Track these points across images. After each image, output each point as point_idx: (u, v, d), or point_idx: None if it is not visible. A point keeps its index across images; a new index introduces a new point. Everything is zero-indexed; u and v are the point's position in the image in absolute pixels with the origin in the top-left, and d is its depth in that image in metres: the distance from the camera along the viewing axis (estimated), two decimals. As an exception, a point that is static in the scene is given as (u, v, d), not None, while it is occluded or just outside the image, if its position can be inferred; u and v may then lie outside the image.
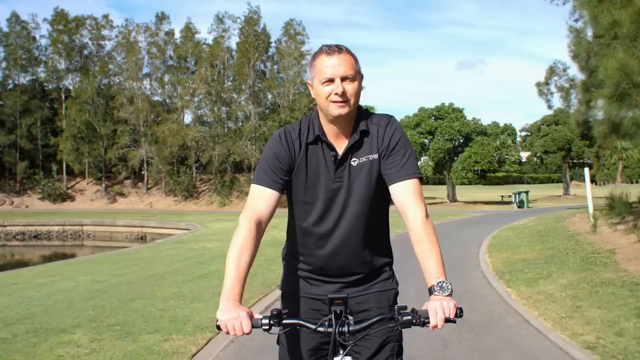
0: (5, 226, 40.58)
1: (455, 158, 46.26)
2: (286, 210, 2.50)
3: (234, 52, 52.80)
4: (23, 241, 38.88)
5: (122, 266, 13.55)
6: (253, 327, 1.99)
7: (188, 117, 54.80)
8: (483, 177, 48.91)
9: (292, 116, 46.84)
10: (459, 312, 1.99)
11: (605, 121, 11.55)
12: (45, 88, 57.99)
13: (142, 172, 54.38)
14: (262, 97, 52.23)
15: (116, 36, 57.09)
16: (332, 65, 2.23)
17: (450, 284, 2.03)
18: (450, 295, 2.02)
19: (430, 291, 2.04)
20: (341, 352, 2.10)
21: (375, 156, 2.32)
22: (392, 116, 2.45)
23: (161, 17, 55.72)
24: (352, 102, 2.25)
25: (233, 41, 53.00)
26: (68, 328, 6.75)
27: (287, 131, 2.39)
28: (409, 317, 1.99)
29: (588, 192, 16.46)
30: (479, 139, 44.97)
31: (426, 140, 47.03)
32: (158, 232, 34.80)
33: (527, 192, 40.50)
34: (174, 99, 55.09)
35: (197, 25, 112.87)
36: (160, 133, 50.10)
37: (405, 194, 2.23)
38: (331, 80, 2.22)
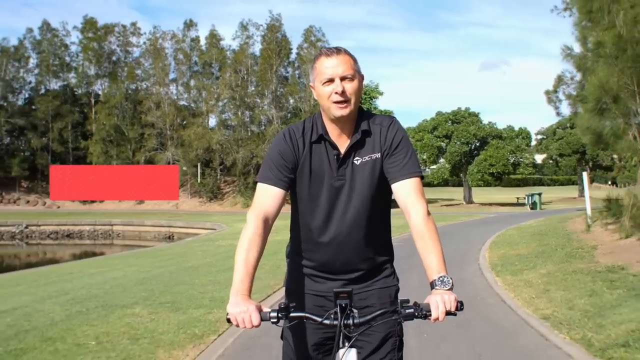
0: (40, 226, 42.53)
1: (471, 161, 47.52)
2: (287, 211, 2.59)
3: (257, 58, 54.50)
4: (56, 240, 40.66)
5: (161, 260, 15.18)
6: (262, 320, 2.07)
7: (213, 121, 56.52)
8: (499, 179, 50.13)
9: (313, 120, 48.29)
10: (460, 306, 2.06)
11: (590, 131, 12.92)
12: (76, 93, 60.25)
13: (169, 174, 56.23)
14: (284, 101, 53.92)
15: (144, 43, 59.32)
16: (332, 65, 2.32)
17: (451, 279, 2.11)
18: (451, 289, 2.09)
19: (432, 285, 2.11)
20: (346, 344, 2.19)
21: (378, 155, 2.39)
22: (394, 117, 2.53)
23: (189, 24, 57.73)
24: (352, 101, 2.34)
25: (257, 48, 54.81)
26: (128, 305, 8.32)
27: (292, 130, 2.48)
28: (412, 310, 2.07)
29: (586, 195, 17.72)
30: (494, 143, 46.22)
31: (443, 144, 48.41)
32: (185, 232, 36.32)
33: (539, 194, 41.69)
34: (199, 104, 56.88)
35: (220, 27, 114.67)
36: (186, 136, 51.90)
37: (407, 192, 2.30)
38: (331, 80, 2.32)
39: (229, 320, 2.08)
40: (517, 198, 47.12)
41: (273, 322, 2.09)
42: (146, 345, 6.09)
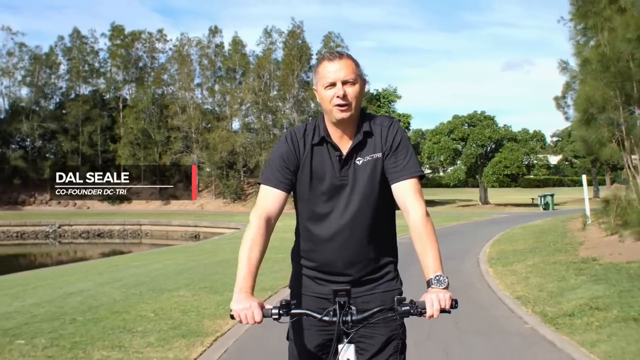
0: (72, 225, 44.60)
1: (487, 163, 48.90)
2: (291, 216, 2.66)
3: (279, 64, 56.29)
4: (88, 239, 42.64)
5: (193, 255, 16.86)
6: (264, 316, 2.12)
7: (236, 125, 58.46)
8: (515, 181, 51.39)
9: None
10: (454, 304, 2.10)
11: (579, 138, 14.35)
12: (105, 98, 62.29)
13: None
14: (305, 105, 55.65)
15: (170, 49, 61.43)
16: (334, 70, 2.36)
17: (447, 278, 2.15)
18: (446, 288, 2.13)
19: (428, 284, 2.14)
20: (345, 340, 2.23)
21: (379, 155, 2.42)
22: (393, 118, 2.57)
23: (213, 31, 59.79)
24: (353, 104, 2.37)
25: (279, 53, 56.71)
26: (174, 289, 9.94)
27: (293, 132, 2.54)
28: (407, 308, 2.11)
29: (585, 196, 19.11)
30: (509, 145, 47.60)
31: (459, 146, 49.82)
32: (210, 231, 37.97)
33: (552, 195, 42.92)
34: (223, 108, 58.86)
35: (241, 28, 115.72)
36: (210, 140, 53.77)
37: (406, 193, 2.33)
38: (333, 84, 2.35)
39: (232, 317, 2.14)
40: (532, 199, 48.28)
41: (275, 319, 2.16)
42: (194, 316, 7.69)
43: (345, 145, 2.45)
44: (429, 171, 72.19)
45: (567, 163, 60.53)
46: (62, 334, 6.53)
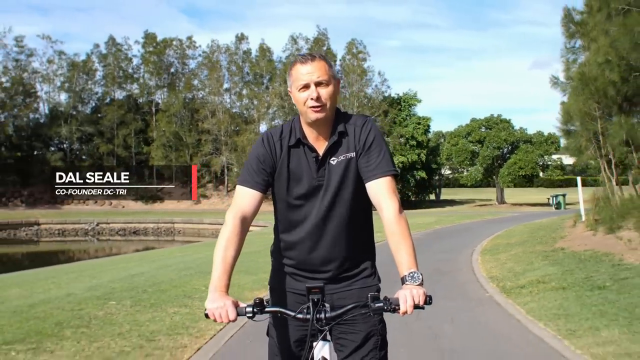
0: (109, 223, 47.37)
1: (503, 164, 50.92)
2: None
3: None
4: (124, 236, 45.22)
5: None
6: (238, 314, 2.15)
7: (263, 128, 60.76)
8: (530, 181, 53.31)
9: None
10: (429, 300, 2.12)
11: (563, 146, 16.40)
12: (138, 102, 65.56)
13: (223, 177, 60.89)
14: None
15: (199, 55, 64.33)
16: (307, 72, 2.38)
17: (421, 274, 2.17)
18: (421, 284, 2.15)
19: (403, 281, 2.17)
20: (319, 337, 2.27)
21: (353, 154, 2.45)
22: (368, 116, 2.61)
23: (240, 38, 62.48)
24: (327, 105, 2.40)
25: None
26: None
27: (269, 135, 2.54)
28: (381, 304, 2.12)
29: (580, 196, 21.07)
30: (524, 147, 49.59)
31: (476, 148, 51.87)
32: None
33: (564, 195, 44.69)
34: (251, 111, 61.54)
35: (266, 29, 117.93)
36: (239, 142, 56.32)
37: (379, 191, 2.36)
38: (307, 86, 2.38)
39: (207, 316, 2.15)
40: (548, 198, 50.05)
41: (249, 317, 2.17)
42: (236, 289, 10.00)
43: (321, 146, 2.49)
44: (448, 172, 74.16)
45: (582, 164, 61.95)
46: (140, 299, 8.88)
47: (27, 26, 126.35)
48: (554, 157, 52.40)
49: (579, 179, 21.58)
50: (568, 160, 64.10)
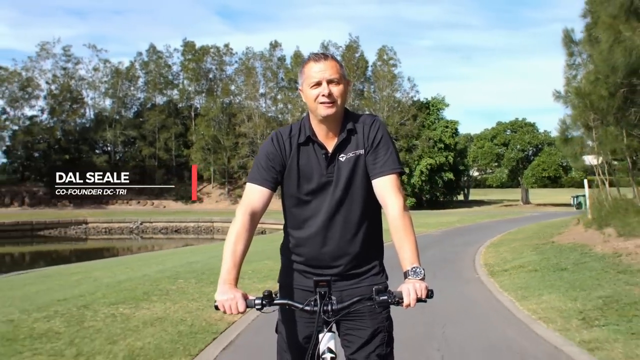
0: (152, 222, 50.17)
1: (527, 166, 52.75)
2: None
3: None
4: (166, 235, 47.82)
5: (266, 242, 21.66)
6: (247, 306, 2.19)
7: (298, 131, 63.54)
8: (555, 182, 54.99)
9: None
10: (430, 293, 2.21)
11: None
12: (178, 107, 68.99)
13: (259, 178, 63.57)
14: (361, 113, 60.23)
15: (236, 62, 67.40)
16: (319, 70, 2.45)
17: (423, 269, 2.26)
18: (423, 279, 2.23)
19: (405, 275, 2.25)
20: (325, 329, 2.29)
21: (362, 152, 2.51)
22: (376, 116, 2.67)
23: (274, 45, 65.30)
24: (338, 102, 2.46)
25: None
26: (259, 260, 14.64)
27: (279, 133, 2.61)
28: (385, 297, 2.20)
29: (586, 196, 23.03)
30: (547, 150, 51.29)
31: (501, 151, 53.80)
32: (275, 227, 42.54)
33: (584, 196, 46.13)
34: (285, 115, 64.28)
35: (299, 29, 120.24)
36: (274, 145, 59.00)
37: (385, 188, 2.43)
38: (319, 84, 2.45)
39: (217, 307, 2.20)
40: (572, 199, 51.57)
41: (257, 309, 2.21)
42: (275, 272, 12.43)
43: (330, 143, 2.53)
44: (476, 173, 75.94)
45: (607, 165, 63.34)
46: (201, 278, 11.30)
47: (65, 29, 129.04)
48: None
49: (585, 181, 23.51)
50: (594, 161, 65.53)
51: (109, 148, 67.68)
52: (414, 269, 2.25)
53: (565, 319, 6.81)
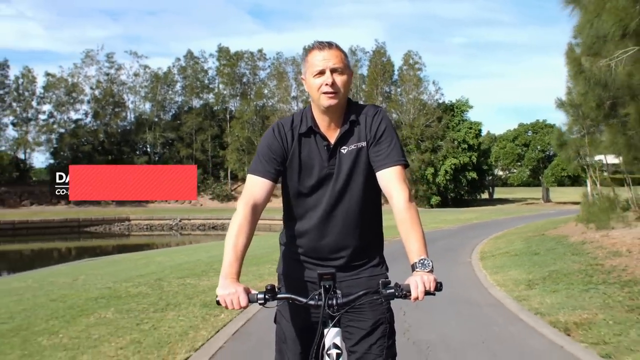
0: (190, 220, 53.11)
1: (547, 165, 54.79)
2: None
3: (365, 78, 64.02)
4: (203, 231, 50.34)
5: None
6: (250, 301, 2.13)
7: (327, 133, 66.42)
8: (576, 180, 56.72)
9: (412, 132, 57.12)
10: (439, 286, 2.14)
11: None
12: (214, 110, 72.35)
13: (291, 177, 66.65)
14: (388, 115, 62.88)
15: (269, 66, 70.51)
16: (323, 58, 2.41)
17: (432, 261, 2.19)
18: (431, 271, 2.17)
19: (413, 268, 2.20)
20: (330, 324, 2.24)
21: (364, 144, 2.48)
22: (379, 107, 2.64)
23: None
24: (341, 93, 2.42)
25: (364, 69, 64.48)
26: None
27: (281, 124, 2.56)
28: (392, 290, 2.16)
29: (589, 194, 25.23)
30: (567, 150, 53.41)
31: (522, 151, 55.94)
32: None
33: (597, 194, 48.14)
34: (316, 118, 66.97)
35: (331, 28, 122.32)
36: (306, 146, 62.01)
37: (390, 180, 2.39)
38: (322, 72, 2.40)
39: (218, 302, 2.15)
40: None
41: (260, 304, 2.18)
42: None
43: (332, 134, 2.50)
44: (500, 173, 77.78)
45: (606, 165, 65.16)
46: (247, 262, 14.02)
47: (99, 30, 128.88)
48: (597, 158, 55.55)
49: (588, 180, 25.71)
50: (613, 160, 67.05)
51: (148, 149, 71.49)
52: (421, 261, 2.20)
53: (515, 285, 9.39)
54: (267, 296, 2.17)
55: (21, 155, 67.28)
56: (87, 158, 66.94)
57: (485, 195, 68.21)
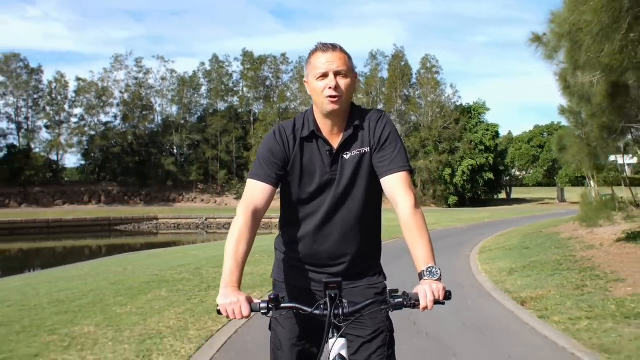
0: (215, 219, 54.89)
1: (562, 166, 56.10)
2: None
3: (384, 81, 65.84)
4: (229, 229, 52.36)
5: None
6: (252, 311, 2.08)
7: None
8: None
9: (430, 134, 58.82)
10: (448, 295, 2.10)
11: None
12: (238, 113, 74.65)
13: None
14: (407, 117, 64.79)
15: (291, 70, 72.63)
16: (327, 60, 2.34)
17: (439, 269, 2.15)
18: (439, 279, 2.13)
19: (420, 276, 2.15)
20: (335, 334, 2.16)
21: (367, 149, 2.43)
22: (383, 111, 2.57)
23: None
24: (344, 97, 2.36)
25: (384, 73, 66.36)
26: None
27: (282, 128, 2.50)
28: (401, 300, 2.10)
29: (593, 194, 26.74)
30: (581, 152, 54.73)
31: (536, 152, 57.32)
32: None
33: (611, 195, 49.39)
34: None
35: (352, 28, 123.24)
36: (328, 147, 64.01)
37: (395, 186, 2.34)
38: (325, 75, 2.33)
39: (219, 312, 2.09)
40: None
41: (263, 313, 2.12)
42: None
43: (335, 139, 2.44)
44: (518, 173, 78.91)
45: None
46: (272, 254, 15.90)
47: (122, 31, 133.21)
48: (611, 158, 56.85)
49: (593, 181, 27.19)
50: (631, 160, 67.88)
51: (175, 151, 73.99)
52: (429, 269, 2.15)
53: (498, 272, 11.17)
54: (270, 305, 2.12)
55: (54, 157, 70.30)
56: (116, 159, 69.66)
57: (502, 195, 69.73)
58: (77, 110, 70.44)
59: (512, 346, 5.89)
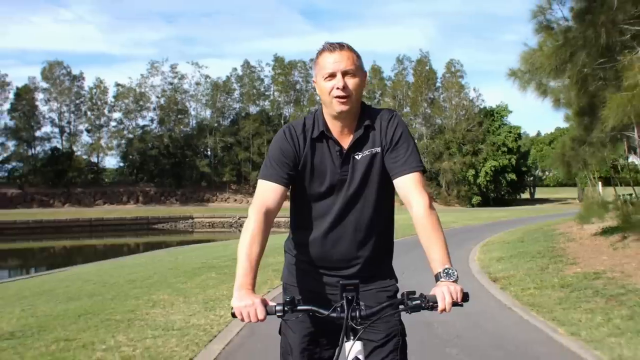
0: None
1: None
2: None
3: (410, 85, 67.97)
4: None
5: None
6: (267, 313, 2.04)
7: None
8: (608, 182, 59.16)
9: (454, 136, 60.87)
10: (466, 297, 2.07)
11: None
12: (270, 116, 77.18)
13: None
14: (432, 120, 66.85)
15: (321, 74, 75.06)
16: (334, 60, 2.29)
17: (456, 271, 2.13)
18: (456, 281, 2.10)
19: (437, 278, 2.12)
20: (352, 337, 2.13)
21: (379, 150, 2.39)
22: (394, 111, 2.51)
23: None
24: (353, 97, 2.31)
25: (409, 77, 68.51)
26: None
27: (292, 127, 2.45)
28: (418, 302, 2.07)
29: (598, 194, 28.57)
30: (600, 152, 56.10)
31: (557, 154, 59.05)
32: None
33: (630, 195, 50.50)
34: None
35: (382, 27, 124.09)
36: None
37: (408, 187, 2.30)
38: (333, 75, 2.28)
39: (234, 315, 2.06)
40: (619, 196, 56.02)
41: (279, 316, 2.09)
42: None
43: (345, 139, 2.40)
44: (540, 174, 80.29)
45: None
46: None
47: (153, 32, 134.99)
48: (630, 159, 57.94)
49: (599, 183, 29.00)
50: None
51: (209, 153, 76.97)
52: (446, 271, 2.12)
53: (489, 260, 13.37)
54: (286, 308, 2.07)
55: (95, 159, 73.99)
56: (153, 161, 72.82)
57: (526, 195, 71.19)
58: (116, 115, 74.11)
59: (473, 306, 8.18)
